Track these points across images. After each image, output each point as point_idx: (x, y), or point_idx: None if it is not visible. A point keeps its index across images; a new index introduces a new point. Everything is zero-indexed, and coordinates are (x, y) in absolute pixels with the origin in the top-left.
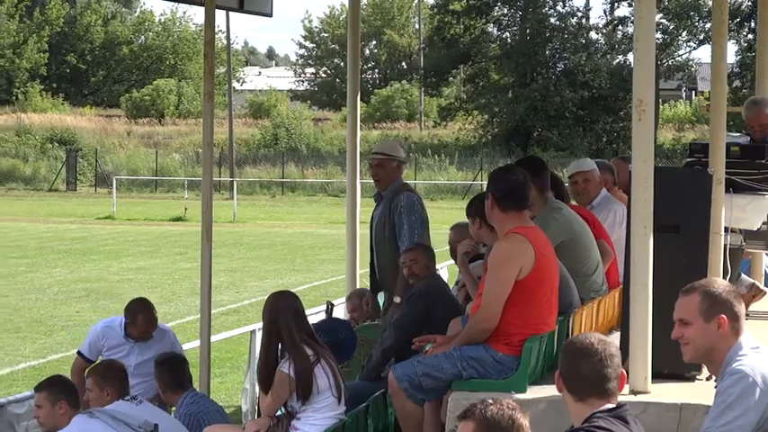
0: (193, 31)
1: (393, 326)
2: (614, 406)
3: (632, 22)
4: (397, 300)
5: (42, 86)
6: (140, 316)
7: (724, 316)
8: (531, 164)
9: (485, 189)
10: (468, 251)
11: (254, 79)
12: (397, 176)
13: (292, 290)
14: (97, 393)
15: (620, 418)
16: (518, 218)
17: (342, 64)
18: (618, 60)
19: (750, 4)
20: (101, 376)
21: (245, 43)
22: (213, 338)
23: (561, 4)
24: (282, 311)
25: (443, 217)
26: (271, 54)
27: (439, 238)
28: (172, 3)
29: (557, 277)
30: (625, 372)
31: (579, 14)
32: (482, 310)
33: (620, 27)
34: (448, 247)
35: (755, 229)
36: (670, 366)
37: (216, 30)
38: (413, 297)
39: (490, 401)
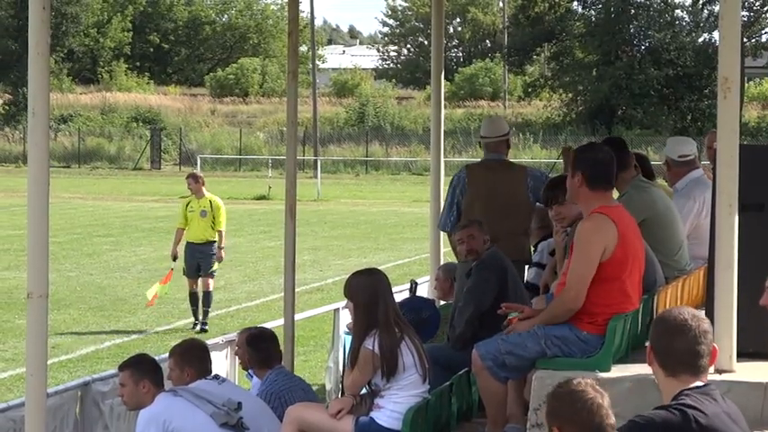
0: (276, 10)
1: (467, 294)
2: (703, 384)
3: (718, 0)
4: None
5: (127, 65)
6: None
7: None
8: (614, 143)
9: (571, 168)
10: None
11: (336, 58)
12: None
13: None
14: (178, 374)
15: (709, 396)
16: (604, 197)
17: (426, 42)
18: (703, 38)
19: None
20: (180, 356)
21: (324, 21)
22: (297, 317)
23: None
24: (379, 289)
25: None
26: (353, 32)
27: None
28: None
29: (642, 256)
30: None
31: None
32: (567, 290)
33: (705, 5)
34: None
35: None
36: (755, 345)
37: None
38: (479, 268)
39: (571, 381)
